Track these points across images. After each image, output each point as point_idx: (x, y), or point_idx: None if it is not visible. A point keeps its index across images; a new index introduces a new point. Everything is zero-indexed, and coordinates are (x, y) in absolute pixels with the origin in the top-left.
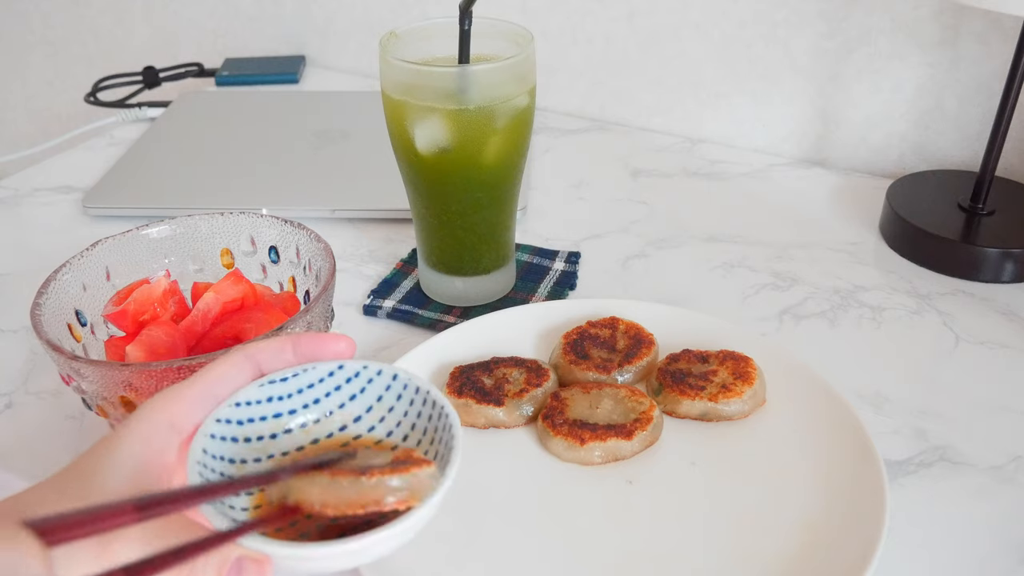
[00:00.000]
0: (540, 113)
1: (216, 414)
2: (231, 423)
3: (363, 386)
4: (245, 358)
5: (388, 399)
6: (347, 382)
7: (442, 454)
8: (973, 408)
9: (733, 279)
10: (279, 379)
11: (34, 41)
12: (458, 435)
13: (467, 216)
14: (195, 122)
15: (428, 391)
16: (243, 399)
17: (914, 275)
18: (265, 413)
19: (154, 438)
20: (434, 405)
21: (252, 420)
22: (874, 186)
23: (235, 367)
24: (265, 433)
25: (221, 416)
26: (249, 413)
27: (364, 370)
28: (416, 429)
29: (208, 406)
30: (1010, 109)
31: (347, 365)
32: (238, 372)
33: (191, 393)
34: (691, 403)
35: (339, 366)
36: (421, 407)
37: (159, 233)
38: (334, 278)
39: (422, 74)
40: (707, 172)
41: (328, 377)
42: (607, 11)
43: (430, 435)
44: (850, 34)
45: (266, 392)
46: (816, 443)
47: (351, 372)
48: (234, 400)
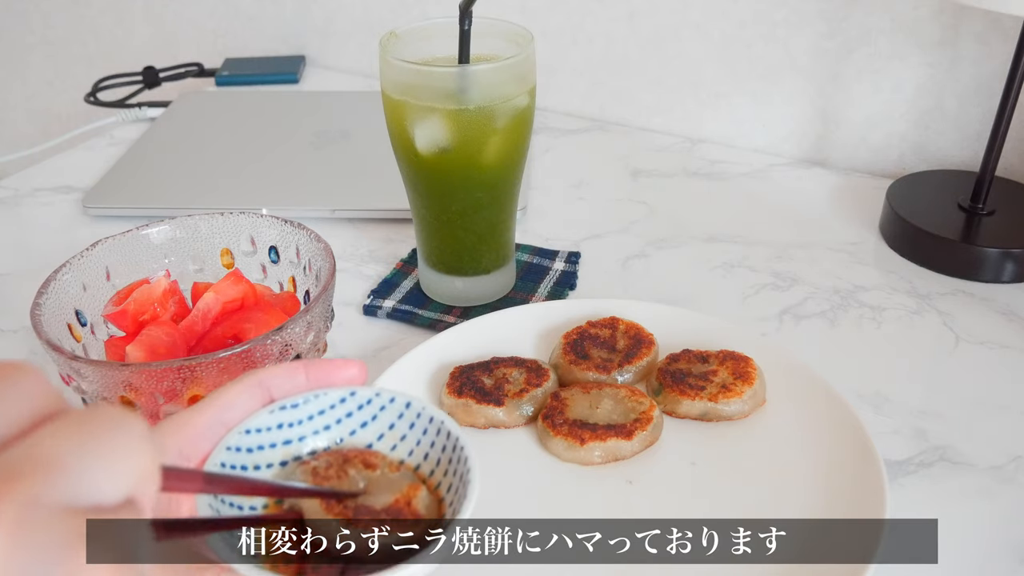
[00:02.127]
0: (540, 113)
1: (226, 441)
2: (241, 451)
3: (375, 413)
4: (256, 384)
5: (401, 427)
6: (359, 409)
7: (456, 487)
8: (973, 408)
9: (733, 279)
10: (290, 405)
11: (34, 41)
12: (474, 468)
13: (467, 216)
14: (195, 122)
15: (443, 421)
16: (253, 426)
17: (914, 275)
18: (276, 440)
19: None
20: (448, 436)
21: (262, 447)
22: (874, 186)
23: (245, 393)
24: (275, 461)
25: (231, 444)
26: (259, 440)
27: (377, 397)
28: (429, 459)
29: (218, 433)
30: (1010, 109)
31: (359, 391)
32: (248, 398)
33: (201, 420)
34: (691, 403)
35: (351, 392)
36: (435, 437)
37: (159, 233)
38: (334, 278)
39: (422, 74)
40: (707, 172)
41: (340, 403)
42: (607, 11)
43: (443, 465)
44: (850, 34)
45: (276, 419)
46: (816, 443)
47: (363, 399)
48: (244, 427)
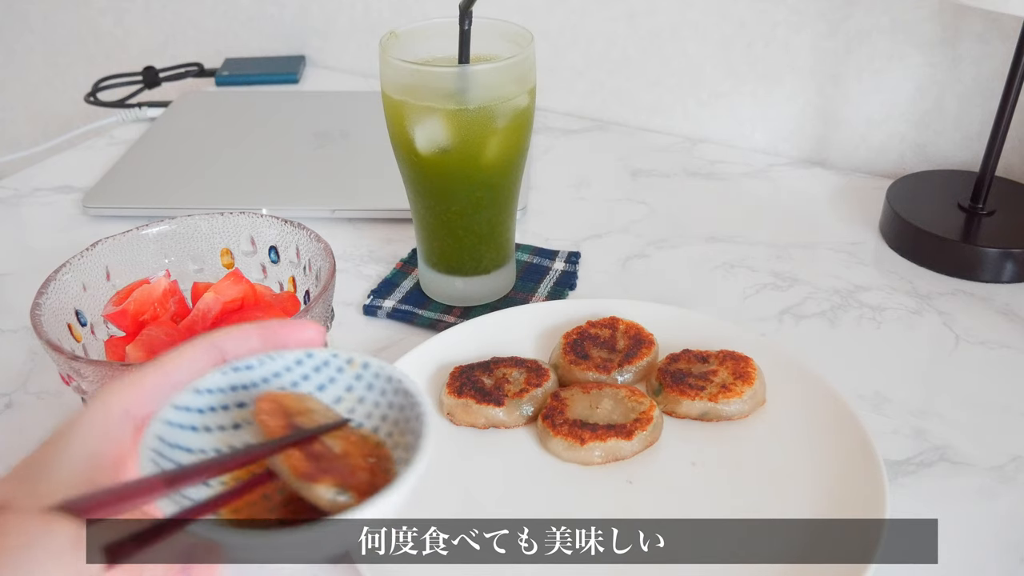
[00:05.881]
0: (540, 113)
1: (174, 401)
2: (190, 411)
3: (332, 376)
4: (209, 345)
5: (359, 389)
6: (315, 371)
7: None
8: (973, 408)
9: (733, 279)
10: (243, 366)
11: (34, 41)
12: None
13: (467, 216)
14: (195, 122)
15: (400, 380)
16: (204, 386)
17: (914, 275)
18: (227, 402)
19: (108, 426)
20: (407, 395)
21: (213, 408)
22: (874, 186)
23: (197, 353)
24: (227, 423)
25: (179, 403)
26: (210, 401)
27: (333, 359)
28: (388, 420)
29: (166, 394)
30: (1010, 109)
31: (316, 353)
32: (200, 359)
33: (149, 380)
34: (691, 403)
35: (308, 354)
36: (393, 397)
37: (159, 233)
38: (334, 278)
39: (422, 74)
40: (707, 172)
41: (296, 366)
42: (607, 11)
43: (401, 425)
44: (850, 34)
45: (229, 380)
46: (816, 443)
47: (320, 361)
48: (194, 386)
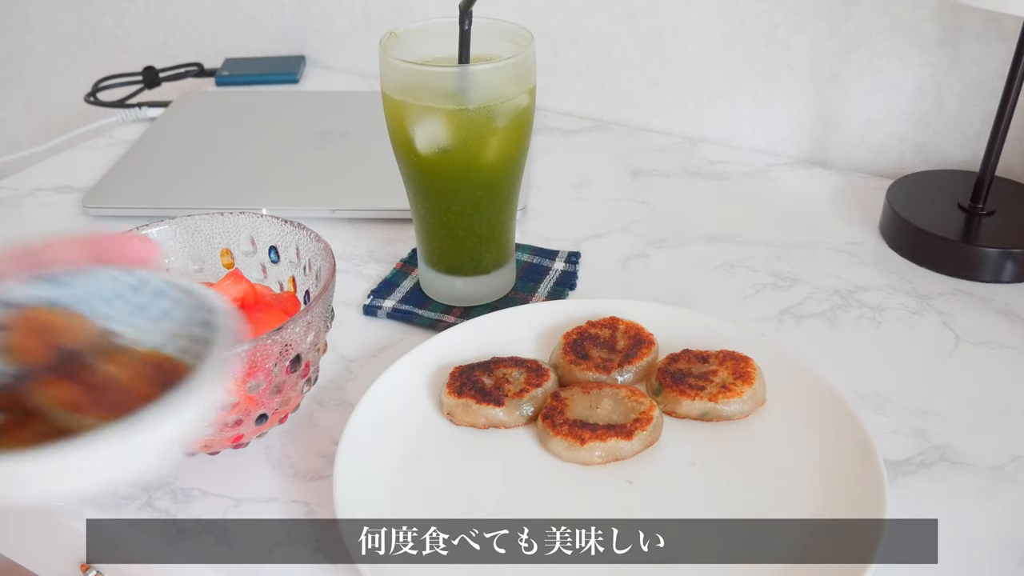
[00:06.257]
0: (540, 113)
1: None
2: None
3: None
4: (25, 252)
5: (155, 306)
6: (133, 292)
7: (205, 355)
8: (973, 408)
9: (733, 279)
10: (49, 280)
11: (34, 41)
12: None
13: (467, 216)
14: (195, 122)
15: (202, 293)
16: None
17: (914, 275)
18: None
19: None
20: (211, 311)
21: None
22: (874, 186)
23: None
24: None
25: None
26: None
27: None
28: (180, 335)
29: None
30: (1010, 109)
31: (135, 273)
32: (6, 266)
33: None
34: (691, 403)
35: (125, 272)
36: (188, 311)
37: (159, 233)
38: (334, 278)
39: (422, 74)
40: (707, 172)
41: (109, 283)
42: (607, 11)
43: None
44: (850, 34)
45: (36, 293)
46: (816, 443)
47: (136, 280)
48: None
